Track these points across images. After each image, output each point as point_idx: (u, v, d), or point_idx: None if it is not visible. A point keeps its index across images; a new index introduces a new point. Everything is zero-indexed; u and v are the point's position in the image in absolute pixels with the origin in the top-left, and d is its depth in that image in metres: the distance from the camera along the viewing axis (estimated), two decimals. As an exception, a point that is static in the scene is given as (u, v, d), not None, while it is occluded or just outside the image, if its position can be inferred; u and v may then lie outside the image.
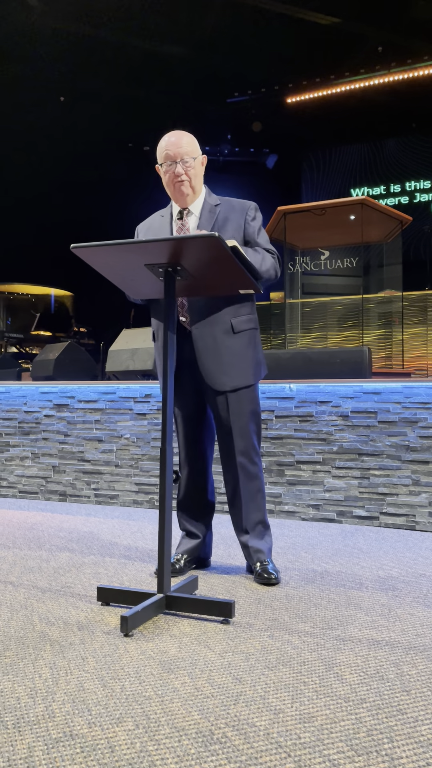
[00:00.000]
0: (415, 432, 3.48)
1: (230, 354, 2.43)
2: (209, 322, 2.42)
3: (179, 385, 2.52)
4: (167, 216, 2.55)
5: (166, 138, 2.46)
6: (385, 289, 6.82)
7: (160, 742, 1.30)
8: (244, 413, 2.46)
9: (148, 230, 2.58)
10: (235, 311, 2.45)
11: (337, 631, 1.91)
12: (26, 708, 1.44)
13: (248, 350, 2.47)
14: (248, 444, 2.47)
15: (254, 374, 2.49)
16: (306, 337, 7.03)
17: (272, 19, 8.52)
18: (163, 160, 2.44)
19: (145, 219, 2.64)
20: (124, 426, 4.22)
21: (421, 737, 1.33)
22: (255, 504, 2.48)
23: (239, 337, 2.45)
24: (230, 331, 2.44)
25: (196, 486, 2.59)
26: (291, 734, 1.34)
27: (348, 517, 3.59)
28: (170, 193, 2.50)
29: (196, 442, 2.57)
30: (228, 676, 1.60)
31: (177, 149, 2.41)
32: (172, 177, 2.43)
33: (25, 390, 4.61)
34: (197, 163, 2.47)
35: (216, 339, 2.42)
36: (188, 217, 2.50)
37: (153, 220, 2.60)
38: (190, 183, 2.45)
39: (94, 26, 8.63)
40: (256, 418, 2.50)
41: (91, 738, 1.32)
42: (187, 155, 2.42)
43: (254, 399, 2.50)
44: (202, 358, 2.42)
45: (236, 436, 2.45)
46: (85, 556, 2.81)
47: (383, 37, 9.14)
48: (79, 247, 2.04)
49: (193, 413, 2.56)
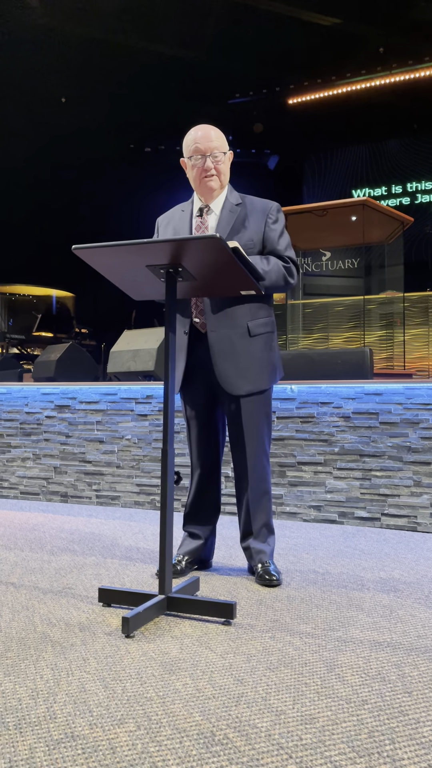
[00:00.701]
0: (417, 433, 3.47)
1: (246, 358, 2.40)
2: (225, 324, 2.39)
3: (193, 387, 2.50)
4: (188, 211, 2.52)
5: (194, 131, 2.42)
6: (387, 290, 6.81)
7: (161, 744, 1.30)
8: (257, 418, 2.44)
9: (168, 224, 2.55)
10: (253, 314, 2.42)
11: (338, 633, 1.91)
12: (28, 709, 1.44)
13: (264, 354, 2.44)
14: (259, 448, 2.45)
15: (269, 378, 2.46)
16: (307, 338, 7.03)
17: (273, 20, 8.52)
18: (192, 154, 2.40)
19: (166, 211, 2.61)
20: (126, 427, 4.22)
21: (422, 739, 1.33)
22: (261, 507, 2.47)
23: (256, 340, 2.42)
24: (246, 335, 2.40)
25: (206, 488, 2.58)
26: (292, 735, 1.34)
27: (349, 519, 3.59)
28: (196, 188, 2.46)
29: (208, 444, 2.55)
30: (229, 678, 1.60)
31: (207, 143, 2.38)
32: (201, 171, 2.40)
33: (27, 391, 4.61)
34: (226, 158, 2.44)
35: (232, 342, 2.39)
36: (208, 215, 2.47)
37: (173, 214, 2.57)
38: (219, 177, 2.42)
39: (95, 27, 8.64)
40: (268, 422, 2.49)
41: (93, 739, 1.32)
42: (217, 150, 2.39)
43: (268, 403, 2.48)
44: (218, 361, 2.39)
45: (248, 440, 2.43)
46: (86, 557, 2.81)
47: (384, 39, 9.14)
48: (80, 248, 2.04)
49: (206, 415, 2.54)
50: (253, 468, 2.45)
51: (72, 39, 8.75)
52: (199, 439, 2.55)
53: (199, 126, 2.45)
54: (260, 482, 2.46)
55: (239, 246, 2.13)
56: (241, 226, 2.42)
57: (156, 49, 9.09)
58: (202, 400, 2.52)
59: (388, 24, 8.74)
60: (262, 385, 2.43)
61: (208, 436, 2.55)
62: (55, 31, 8.59)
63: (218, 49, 8.97)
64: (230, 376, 2.39)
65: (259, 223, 2.43)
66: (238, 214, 2.44)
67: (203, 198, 2.47)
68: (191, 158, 2.42)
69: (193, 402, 2.54)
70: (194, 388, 2.50)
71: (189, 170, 2.46)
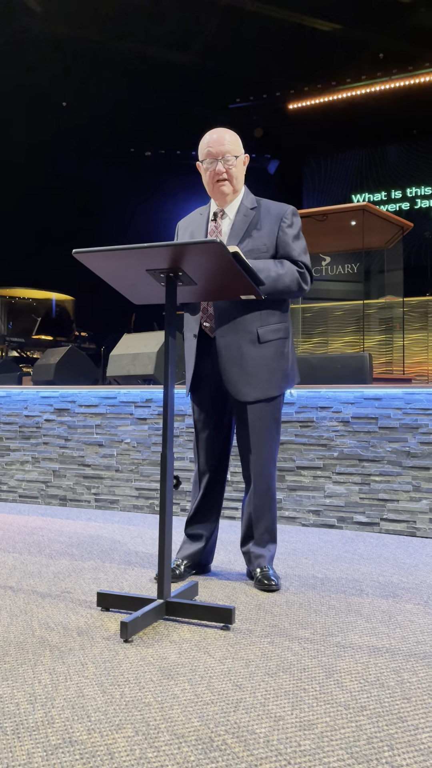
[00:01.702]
0: (416, 438, 3.47)
1: (254, 365, 2.38)
2: (234, 330, 2.38)
3: (202, 391, 2.50)
4: (205, 215, 2.52)
5: (208, 135, 2.42)
6: (386, 295, 6.82)
7: (159, 749, 1.30)
8: (265, 424, 2.42)
9: (186, 228, 2.55)
10: (263, 319, 2.40)
11: (337, 638, 1.90)
12: (25, 714, 1.44)
13: (274, 361, 2.41)
14: (266, 455, 2.44)
15: (279, 385, 2.43)
16: (307, 342, 7.03)
17: (274, 25, 8.55)
18: (204, 158, 2.40)
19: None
20: (125, 431, 4.22)
21: (421, 745, 1.33)
22: (265, 514, 2.46)
23: (265, 347, 2.39)
24: (256, 341, 2.38)
25: (213, 492, 2.57)
26: (291, 741, 1.33)
27: (348, 523, 3.58)
28: (209, 192, 2.46)
29: (215, 448, 2.54)
30: (228, 683, 1.60)
31: (219, 147, 2.37)
32: (213, 175, 2.39)
33: (26, 394, 4.61)
34: (239, 162, 2.43)
35: (240, 348, 2.37)
36: (222, 219, 2.46)
37: (192, 218, 2.57)
38: (230, 182, 2.41)
39: (96, 31, 8.67)
40: (276, 429, 2.47)
41: (91, 744, 1.31)
42: (229, 153, 2.38)
43: (277, 410, 2.46)
44: (226, 367, 2.38)
45: (255, 447, 2.42)
46: (85, 561, 2.81)
47: (384, 44, 9.18)
48: (81, 252, 2.04)
49: (215, 419, 2.52)
50: (259, 475, 2.44)
51: (73, 43, 8.78)
52: (206, 442, 2.54)
53: (214, 129, 2.44)
54: (266, 489, 2.45)
55: (239, 251, 2.14)
56: (254, 230, 2.41)
57: (157, 54, 9.12)
58: (210, 404, 2.51)
59: (388, 30, 8.77)
60: (271, 392, 2.41)
61: (215, 440, 2.54)
62: (56, 34, 8.61)
63: (219, 53, 9.00)
64: (238, 383, 2.38)
65: (273, 227, 2.41)
66: (253, 218, 2.43)
67: (217, 202, 2.47)
68: (204, 162, 2.42)
69: (202, 406, 2.53)
70: (203, 391, 2.50)
71: (202, 174, 2.46)
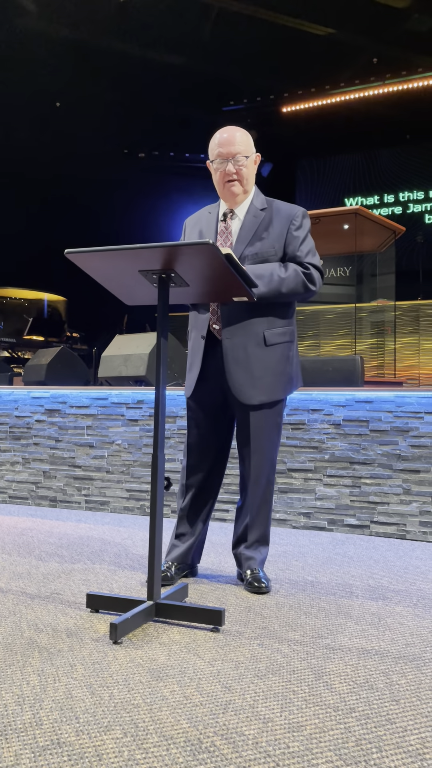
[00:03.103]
0: (407, 441, 3.49)
1: (260, 368, 2.37)
2: (241, 332, 2.37)
3: (204, 391, 2.48)
4: (214, 214, 2.50)
5: (218, 134, 2.41)
6: (378, 299, 6.85)
7: (148, 751, 1.29)
8: (267, 429, 2.42)
9: (194, 226, 2.54)
10: (270, 322, 2.39)
11: (327, 640, 1.91)
12: (13, 715, 1.43)
13: (279, 365, 2.41)
14: (266, 460, 2.43)
15: (284, 389, 2.43)
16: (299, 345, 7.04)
17: (269, 29, 8.57)
18: (215, 158, 2.39)
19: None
20: (116, 432, 4.21)
21: (409, 747, 1.33)
22: (260, 519, 2.46)
23: (272, 350, 2.39)
24: (262, 344, 2.37)
25: (203, 492, 2.55)
26: (280, 743, 1.33)
27: (339, 526, 3.59)
28: (220, 192, 2.45)
29: (209, 449, 2.52)
30: (217, 685, 1.59)
31: (230, 147, 2.36)
32: (223, 176, 2.38)
33: (17, 395, 4.59)
34: (250, 162, 2.42)
35: (247, 351, 2.36)
36: (232, 220, 2.45)
37: (201, 216, 2.55)
38: (241, 183, 2.40)
39: (90, 32, 8.66)
40: (278, 434, 2.46)
41: (79, 746, 1.31)
42: (239, 154, 2.37)
43: (280, 414, 2.46)
44: (231, 369, 2.37)
45: (255, 451, 2.41)
46: (74, 563, 2.80)
47: (378, 49, 9.22)
48: (73, 253, 2.04)
49: (213, 422, 2.51)
50: (257, 479, 2.43)
51: (67, 44, 8.77)
52: (201, 443, 2.52)
53: (225, 128, 2.42)
54: (263, 494, 2.45)
55: (232, 253, 2.14)
56: (264, 232, 2.40)
57: (151, 56, 9.12)
58: (211, 405, 2.49)
59: (382, 35, 8.81)
60: (276, 395, 2.40)
61: (210, 441, 2.52)
62: (50, 35, 8.60)
63: (213, 56, 9.01)
64: (243, 385, 2.37)
65: (282, 229, 2.40)
66: (262, 219, 2.42)
67: (227, 203, 2.46)
68: (214, 162, 2.41)
69: (202, 406, 2.50)
70: (205, 392, 2.47)
71: (213, 174, 2.45)
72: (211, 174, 2.48)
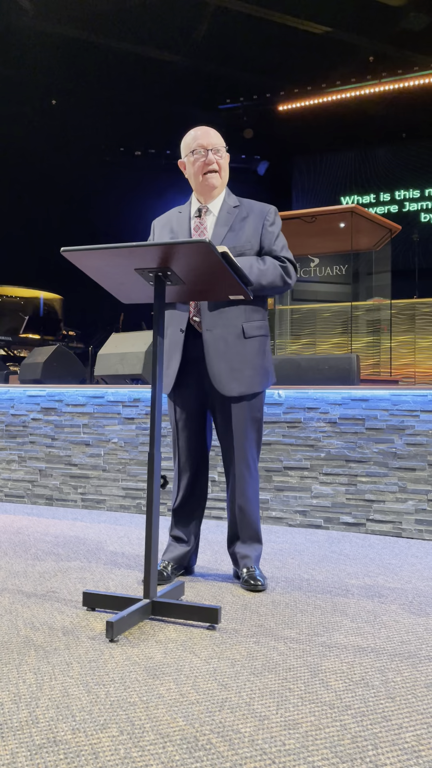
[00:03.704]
0: (402, 439, 3.49)
1: (239, 360, 2.40)
2: (222, 325, 2.39)
3: (184, 386, 2.48)
4: (186, 213, 2.51)
5: (193, 131, 2.46)
6: (374, 297, 6.86)
7: (144, 749, 1.29)
8: (248, 421, 2.43)
9: (164, 226, 2.54)
10: (248, 316, 2.42)
11: (323, 638, 1.91)
12: (10, 713, 1.43)
13: (257, 357, 2.44)
14: (248, 452, 2.44)
15: (261, 382, 2.45)
16: (295, 343, 7.05)
17: (265, 27, 8.57)
18: (195, 148, 2.42)
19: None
20: (112, 430, 4.21)
21: (405, 744, 1.33)
22: (249, 514, 2.46)
23: (250, 342, 2.42)
24: (241, 336, 2.40)
25: (194, 491, 2.56)
26: (276, 741, 1.34)
27: (335, 524, 3.60)
28: (196, 185, 2.46)
29: (197, 446, 2.53)
30: (213, 683, 1.60)
31: (210, 139, 2.42)
32: (203, 166, 2.41)
33: (13, 393, 4.59)
34: (226, 157, 2.47)
35: (227, 342, 2.39)
36: (206, 215, 2.46)
37: (171, 216, 2.56)
38: (220, 174, 2.44)
39: (86, 30, 8.64)
40: (258, 426, 2.48)
41: (75, 744, 1.31)
42: (218, 146, 2.43)
43: (259, 408, 2.47)
44: (212, 361, 2.38)
45: (237, 444, 2.43)
46: (71, 561, 2.80)
47: (375, 48, 9.23)
48: (69, 251, 2.03)
49: (196, 417, 2.52)
50: (242, 473, 2.44)
51: (63, 41, 8.75)
52: (188, 441, 2.52)
53: (197, 127, 2.48)
54: (248, 488, 2.45)
55: (228, 251, 2.14)
56: (239, 227, 2.43)
57: (148, 53, 9.11)
58: (193, 400, 2.50)
59: (378, 33, 8.82)
60: (254, 387, 2.43)
61: (197, 438, 2.53)
62: (46, 33, 8.58)
63: (209, 54, 9.00)
64: (224, 377, 2.38)
65: (257, 225, 2.44)
66: (236, 215, 2.45)
67: (202, 198, 2.47)
68: (194, 152, 2.42)
69: (184, 403, 2.51)
70: (186, 388, 2.48)
71: (189, 167, 2.46)
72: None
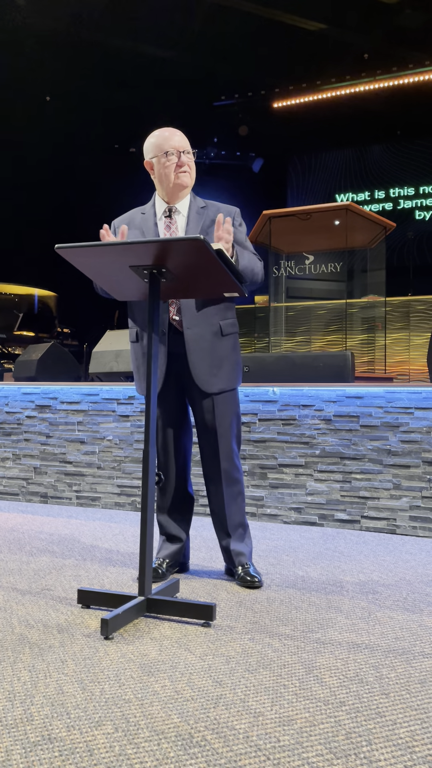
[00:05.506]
0: (397, 436, 3.50)
1: (219, 356, 2.44)
2: (201, 323, 2.42)
3: (168, 390, 2.50)
4: (149, 213, 2.50)
5: (161, 132, 2.45)
6: (369, 295, 6.86)
7: (139, 746, 1.30)
8: (229, 416, 2.47)
9: (129, 227, 2.51)
10: (223, 314, 2.46)
11: (317, 635, 1.91)
12: (4, 711, 1.43)
13: (233, 354, 2.49)
14: (231, 447, 2.48)
15: (237, 378, 2.51)
16: (290, 340, 7.05)
17: (260, 24, 8.55)
18: (167, 149, 2.41)
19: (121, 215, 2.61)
20: (107, 428, 4.21)
21: (399, 740, 1.34)
22: (236, 507, 2.49)
23: (226, 339, 2.46)
24: (219, 333, 2.44)
25: (178, 489, 2.58)
26: (270, 737, 1.34)
27: (329, 521, 3.60)
28: (166, 186, 2.44)
29: (177, 443, 2.56)
30: (208, 679, 1.60)
31: (181, 141, 2.43)
32: (175, 167, 2.42)
33: (7, 390, 4.58)
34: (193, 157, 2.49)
35: (207, 340, 2.42)
36: (176, 215, 2.47)
37: (133, 216, 2.54)
38: (190, 174, 2.46)
39: (81, 27, 8.61)
40: (239, 420, 2.52)
41: (70, 741, 1.31)
42: (188, 147, 2.45)
43: (237, 402, 2.53)
44: (193, 358, 2.41)
45: (220, 439, 2.45)
46: (65, 559, 2.80)
47: (370, 45, 9.21)
48: (63, 248, 2.03)
49: (176, 414, 2.55)
50: (226, 468, 2.47)
51: (57, 38, 8.71)
52: (174, 442, 2.55)
53: (164, 128, 2.48)
54: (233, 483, 2.48)
55: (223, 248, 2.14)
56: (210, 227, 2.45)
57: (141, 50, 9.07)
58: (174, 399, 2.52)
59: (373, 30, 8.80)
60: (233, 383, 2.48)
61: (181, 438, 2.56)
62: (41, 29, 8.54)
63: (204, 51, 8.97)
64: (204, 374, 2.42)
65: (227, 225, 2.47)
66: (206, 215, 2.48)
67: (169, 199, 2.47)
68: (166, 154, 2.41)
69: (168, 404, 2.52)
70: (167, 386, 2.49)
71: (160, 168, 2.44)
72: (150, 174, 2.50)
